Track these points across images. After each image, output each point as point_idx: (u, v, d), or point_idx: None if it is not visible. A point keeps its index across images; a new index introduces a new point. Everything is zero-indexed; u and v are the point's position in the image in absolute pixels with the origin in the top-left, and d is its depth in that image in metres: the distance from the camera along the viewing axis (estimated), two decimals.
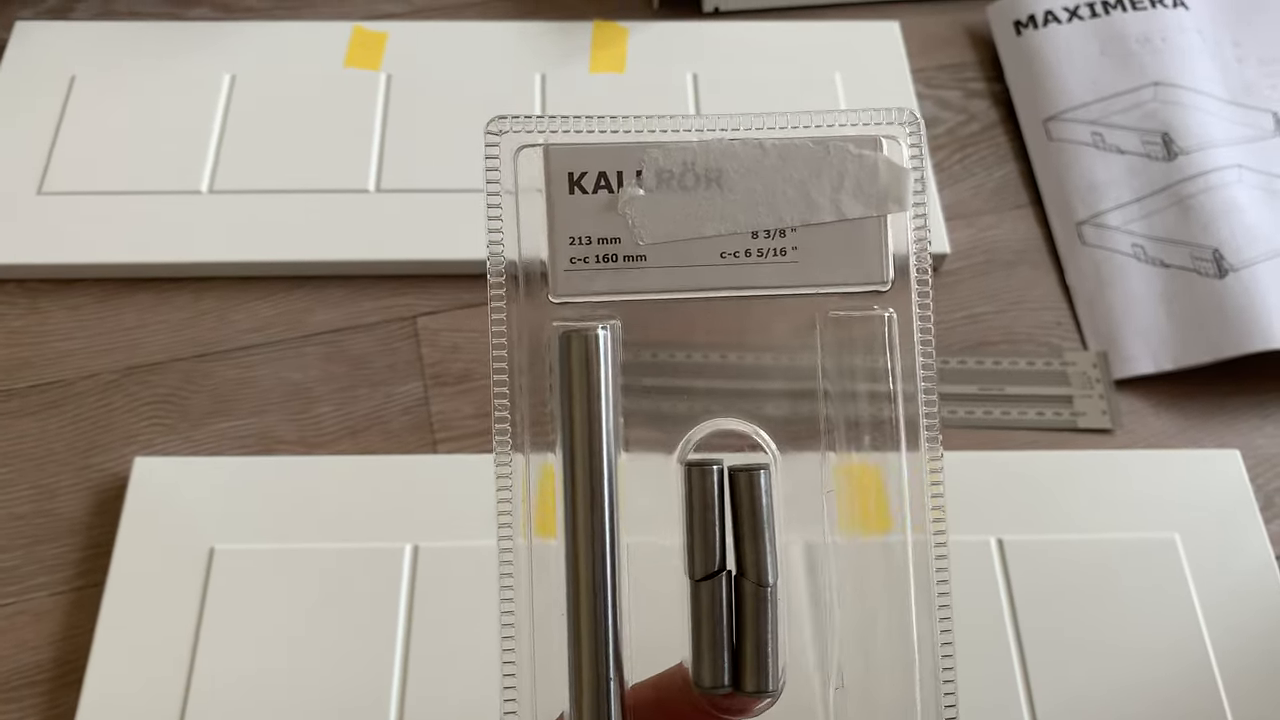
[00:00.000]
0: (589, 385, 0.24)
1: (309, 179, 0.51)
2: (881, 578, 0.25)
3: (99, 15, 0.58)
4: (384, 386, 0.47)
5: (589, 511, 0.24)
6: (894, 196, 0.25)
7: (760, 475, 0.24)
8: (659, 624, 0.25)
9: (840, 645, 0.25)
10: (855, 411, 0.25)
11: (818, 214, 0.24)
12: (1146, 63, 0.56)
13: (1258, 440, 0.47)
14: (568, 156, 0.24)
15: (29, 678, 0.40)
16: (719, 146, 0.24)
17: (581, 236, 0.24)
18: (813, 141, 0.25)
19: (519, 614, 0.25)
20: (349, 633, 0.40)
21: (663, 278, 0.24)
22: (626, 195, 0.24)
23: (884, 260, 0.25)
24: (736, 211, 0.24)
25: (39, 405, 0.46)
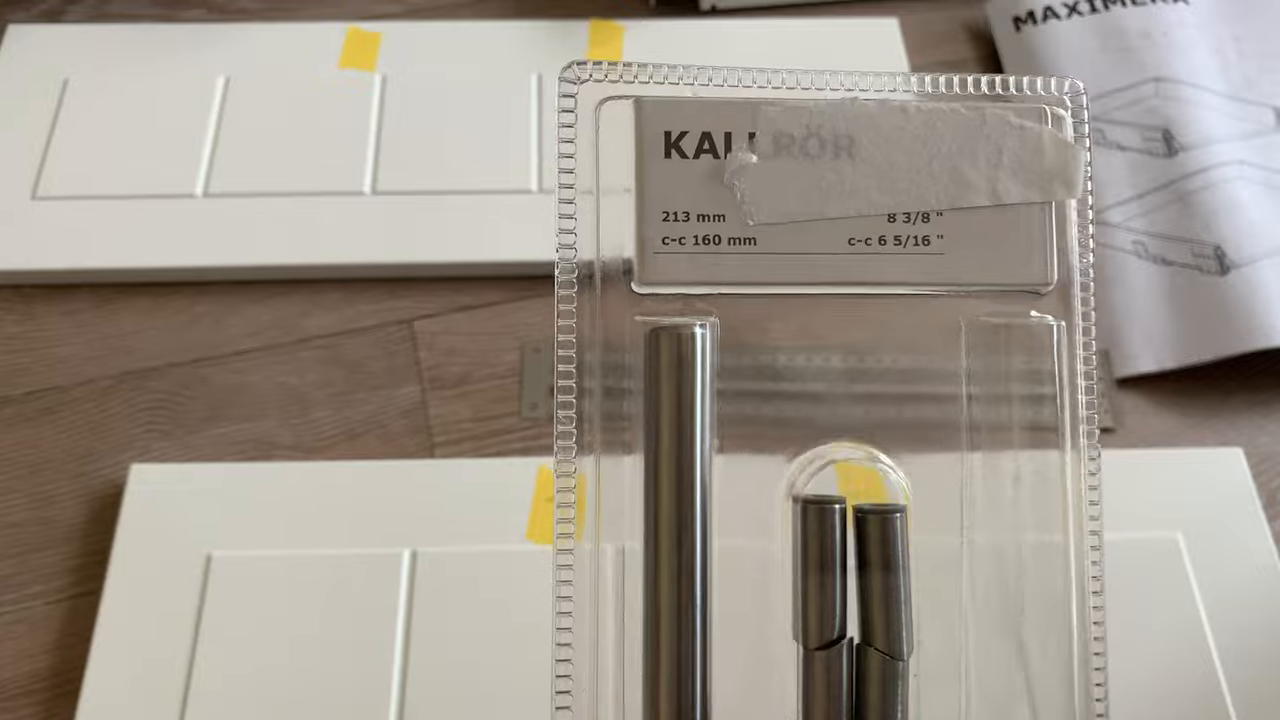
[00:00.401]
0: (680, 396, 0.20)
1: (304, 182, 0.51)
2: (1037, 581, 0.21)
3: (92, 18, 0.58)
4: (381, 390, 0.47)
5: (674, 552, 0.19)
6: (1062, 178, 0.20)
7: (895, 520, 0.20)
8: (756, 689, 0.20)
9: (984, 643, 0.21)
10: (1003, 416, 0.21)
11: (969, 196, 0.20)
12: (1147, 58, 0.56)
13: (1260, 438, 0.47)
14: (665, 112, 0.20)
15: (25, 687, 0.40)
16: (852, 108, 0.20)
17: (677, 212, 0.20)
18: (966, 107, 0.20)
19: (578, 640, 0.20)
20: (348, 639, 0.40)
21: (775, 267, 0.20)
22: (736, 162, 0.20)
23: (1047, 256, 0.20)
24: (870, 188, 0.20)
25: (35, 412, 0.46)
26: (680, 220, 0.20)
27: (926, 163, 0.20)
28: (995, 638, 0.21)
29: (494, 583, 0.41)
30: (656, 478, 0.20)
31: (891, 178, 0.20)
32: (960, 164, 0.20)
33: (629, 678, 0.20)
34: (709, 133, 0.20)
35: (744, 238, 0.20)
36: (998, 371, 0.21)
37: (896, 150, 0.20)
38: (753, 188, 0.20)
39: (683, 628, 0.19)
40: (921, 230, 0.20)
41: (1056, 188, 0.20)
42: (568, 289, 0.20)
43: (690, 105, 0.20)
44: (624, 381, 0.20)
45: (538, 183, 0.51)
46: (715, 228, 0.20)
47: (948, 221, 0.20)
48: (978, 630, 0.21)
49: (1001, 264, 0.20)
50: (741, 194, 0.20)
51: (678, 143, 0.20)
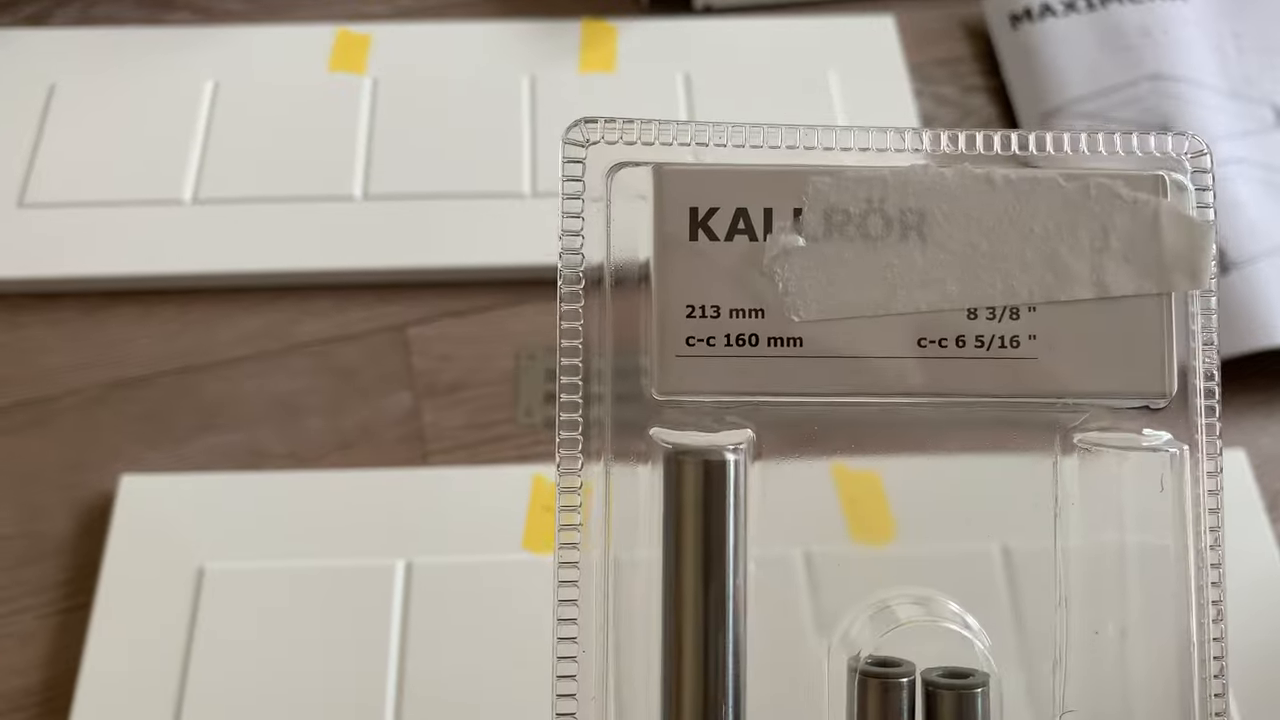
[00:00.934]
0: (708, 541, 0.16)
1: (294, 186, 0.51)
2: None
3: (78, 22, 0.57)
4: (374, 398, 0.46)
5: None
6: (1184, 264, 0.17)
7: (975, 699, 0.16)
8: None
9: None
10: (1110, 568, 0.17)
11: (1069, 287, 0.17)
12: (1145, 56, 0.55)
13: (1262, 440, 0.46)
14: (691, 183, 0.17)
15: (16, 703, 0.39)
16: (922, 177, 0.17)
17: (706, 307, 0.17)
18: (1064, 178, 0.17)
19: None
20: (342, 650, 0.40)
21: (826, 373, 0.17)
22: (779, 245, 0.17)
23: (1165, 361, 0.17)
24: (947, 278, 0.17)
25: (22, 423, 0.45)
26: (709, 316, 0.17)
27: (1016, 245, 0.17)
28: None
29: (490, 593, 0.41)
30: (679, 630, 0.16)
31: (973, 264, 0.17)
32: (1058, 247, 0.17)
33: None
34: (744, 208, 0.17)
35: (787, 338, 0.17)
36: (1101, 507, 0.17)
37: (979, 230, 0.17)
38: (799, 277, 0.17)
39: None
40: (1010, 329, 0.17)
41: (1177, 277, 0.17)
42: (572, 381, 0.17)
43: (722, 175, 0.17)
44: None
45: (530, 186, 0.51)
46: (752, 325, 0.17)
47: (1042, 318, 0.17)
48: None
49: (1109, 371, 0.17)
50: (785, 284, 0.17)
51: (706, 221, 0.17)
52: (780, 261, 0.17)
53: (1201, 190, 0.17)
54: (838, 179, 0.17)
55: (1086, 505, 0.17)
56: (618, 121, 0.17)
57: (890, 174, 0.17)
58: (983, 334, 0.17)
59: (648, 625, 0.17)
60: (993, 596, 0.18)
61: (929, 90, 0.57)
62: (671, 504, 0.17)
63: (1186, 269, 0.17)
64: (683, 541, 0.17)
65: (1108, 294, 0.17)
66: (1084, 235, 0.17)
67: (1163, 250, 0.17)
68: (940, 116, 0.56)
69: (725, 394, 0.17)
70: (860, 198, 0.17)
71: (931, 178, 0.17)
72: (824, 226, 0.17)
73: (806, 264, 0.17)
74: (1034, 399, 0.17)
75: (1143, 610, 0.17)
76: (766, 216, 0.17)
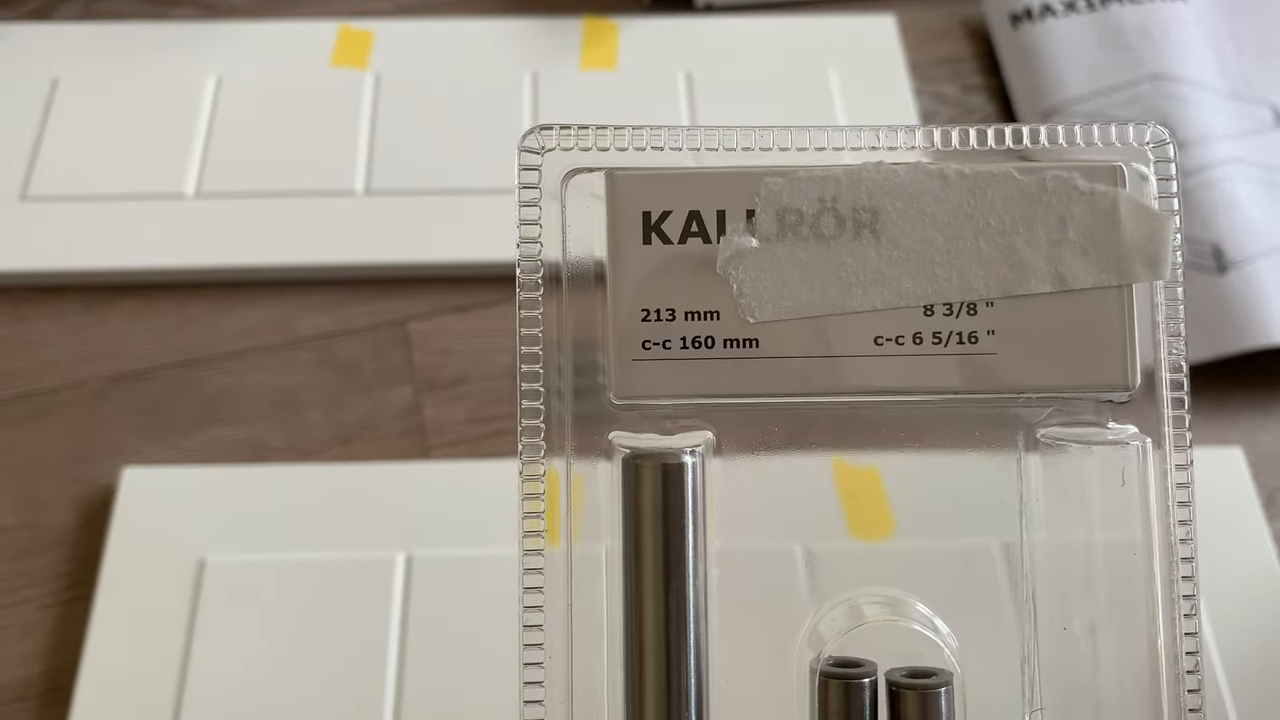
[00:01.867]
0: (667, 544, 0.16)
1: (296, 181, 0.51)
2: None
3: (81, 16, 0.57)
4: (375, 392, 0.46)
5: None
6: (1145, 255, 0.17)
7: (939, 698, 0.16)
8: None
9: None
10: (1077, 564, 0.17)
11: (1027, 281, 0.16)
12: (1145, 56, 0.56)
13: (1260, 438, 0.47)
14: (644, 187, 0.17)
15: (18, 693, 0.40)
16: (875, 175, 0.17)
17: (661, 310, 0.17)
18: (1019, 170, 0.17)
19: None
20: (342, 644, 0.40)
21: (783, 373, 0.17)
22: (732, 247, 0.17)
23: (1127, 353, 0.17)
24: (902, 275, 0.16)
25: (24, 415, 0.45)
26: (665, 320, 0.17)
27: (972, 241, 0.17)
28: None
29: (490, 586, 0.41)
30: (640, 636, 0.16)
31: (928, 260, 0.17)
32: (1014, 241, 0.17)
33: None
34: (697, 211, 0.17)
35: (744, 339, 0.17)
36: (1065, 503, 0.17)
37: (934, 226, 0.17)
38: (753, 278, 0.17)
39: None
40: (967, 325, 0.17)
41: (1138, 268, 0.17)
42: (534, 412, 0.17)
43: (674, 179, 0.17)
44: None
45: None
46: (708, 327, 0.17)
47: (1000, 313, 0.17)
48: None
49: (1070, 364, 0.17)
50: (739, 285, 0.17)
51: (659, 224, 0.17)
52: (734, 263, 0.17)
53: (1164, 180, 0.17)
54: (789, 179, 0.17)
55: (1051, 501, 0.17)
56: (572, 128, 0.17)
57: (843, 173, 0.17)
58: (940, 330, 0.17)
59: (613, 617, 0.17)
60: (961, 593, 0.18)
61: (929, 89, 0.57)
62: (630, 508, 0.17)
63: (1147, 259, 0.17)
64: (642, 545, 0.16)
65: (1066, 287, 0.17)
66: (1041, 228, 0.17)
67: (1122, 241, 0.17)
68: (940, 115, 0.56)
69: (682, 397, 0.17)
70: (813, 197, 0.17)
71: (884, 175, 0.17)
72: (777, 227, 0.17)
73: (760, 265, 0.17)
74: (994, 395, 0.17)
75: (1111, 606, 0.17)
76: (719, 219, 0.17)
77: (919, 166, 0.17)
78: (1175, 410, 0.18)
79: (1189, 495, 0.17)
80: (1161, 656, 0.17)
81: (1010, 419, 0.17)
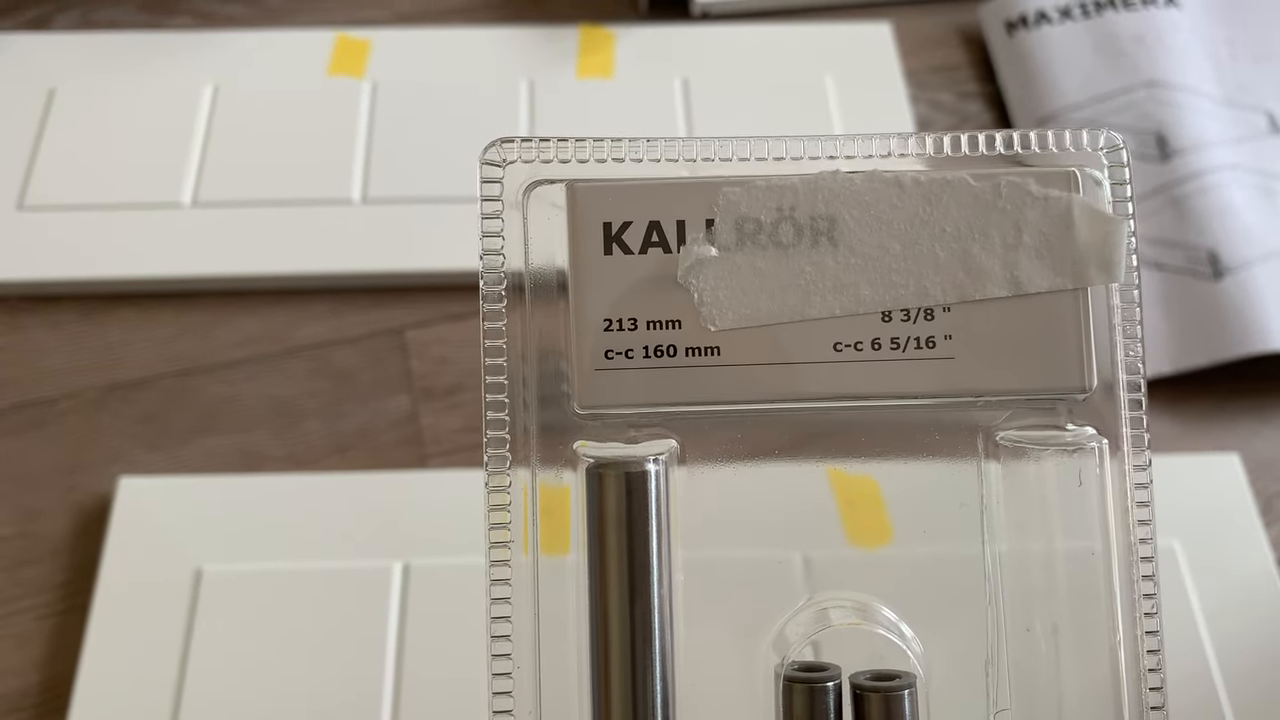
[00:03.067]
0: (631, 551, 0.17)
1: (293, 190, 0.51)
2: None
3: (78, 26, 0.57)
4: (372, 401, 0.46)
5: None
6: (1099, 260, 0.17)
7: (902, 699, 0.16)
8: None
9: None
10: (1038, 568, 0.17)
11: (983, 286, 0.17)
12: (1140, 63, 0.56)
13: (1257, 444, 0.47)
14: (604, 198, 0.17)
15: (14, 704, 0.39)
16: (832, 184, 0.17)
17: (623, 320, 0.17)
18: (974, 177, 0.17)
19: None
20: (339, 653, 0.40)
21: (745, 382, 0.17)
22: (692, 257, 0.17)
23: (1084, 354, 0.17)
24: (860, 282, 0.17)
25: (20, 425, 0.45)
26: (627, 329, 0.17)
27: (928, 247, 0.17)
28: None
29: None
30: (606, 642, 0.16)
31: (885, 267, 0.17)
32: (970, 247, 0.17)
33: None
34: (657, 222, 0.17)
35: (705, 347, 0.17)
36: (1024, 505, 0.17)
37: (890, 233, 0.17)
38: (713, 287, 0.17)
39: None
40: (924, 330, 0.17)
41: (1092, 271, 0.17)
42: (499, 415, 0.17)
43: (634, 189, 0.17)
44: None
45: None
46: (670, 336, 0.17)
47: (957, 318, 0.17)
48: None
49: (1027, 367, 0.17)
50: (700, 294, 0.17)
51: (620, 235, 0.17)
52: (695, 272, 0.17)
53: (1118, 185, 0.17)
54: (748, 189, 0.17)
55: (1011, 505, 0.17)
56: (534, 140, 0.18)
57: (800, 182, 0.17)
58: (898, 336, 0.17)
59: (581, 626, 0.18)
60: (925, 597, 0.18)
61: (925, 97, 0.57)
62: (595, 516, 0.17)
63: (1101, 262, 0.17)
64: (607, 552, 0.17)
65: (1022, 291, 0.17)
66: (996, 233, 0.17)
67: (1077, 245, 0.17)
68: (936, 122, 0.56)
69: (645, 406, 0.17)
70: (771, 206, 0.17)
71: (840, 183, 0.17)
72: (736, 236, 0.17)
73: (720, 274, 0.17)
74: (952, 398, 0.17)
75: (1071, 608, 0.17)
76: (679, 229, 0.17)
77: (875, 175, 0.17)
78: (1133, 412, 0.17)
79: (1148, 496, 0.17)
80: (1122, 658, 0.17)
81: (969, 423, 0.18)
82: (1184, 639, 0.41)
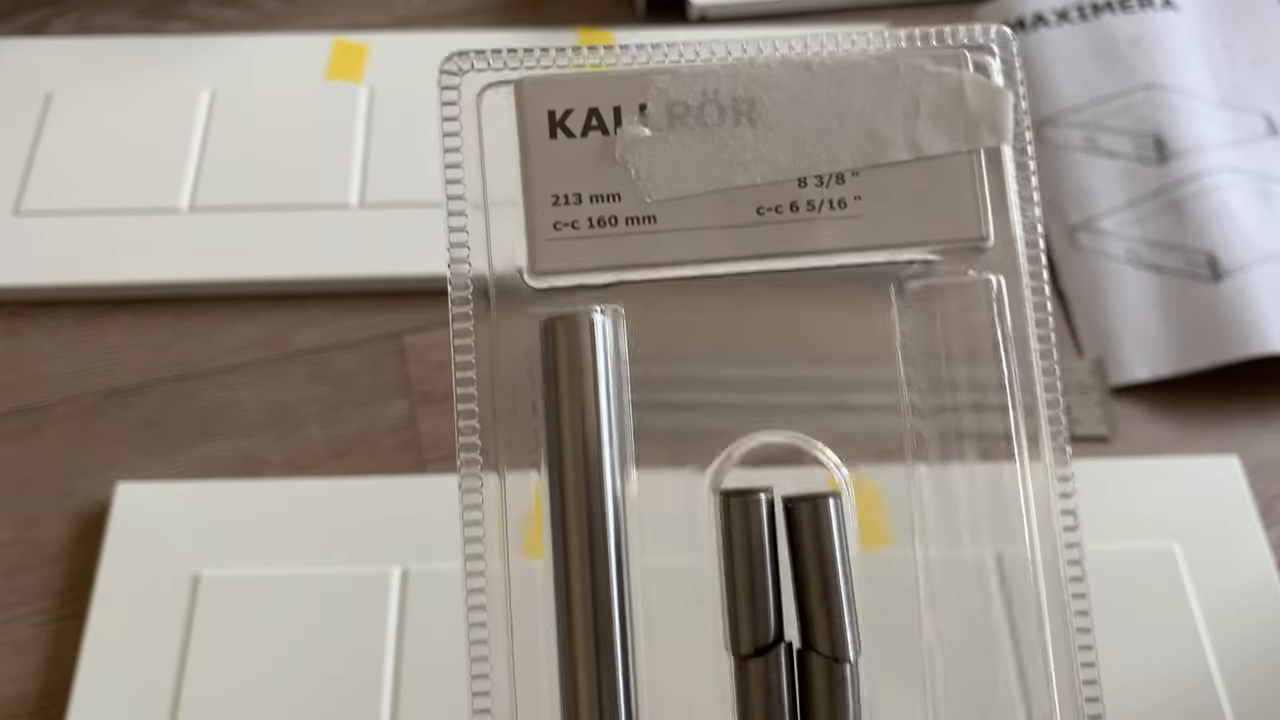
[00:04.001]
0: (581, 388, 0.18)
1: (291, 195, 0.51)
2: (1002, 595, 0.20)
3: (75, 31, 0.57)
4: (370, 406, 0.46)
5: (586, 559, 0.18)
6: (989, 123, 0.19)
7: (829, 505, 0.18)
8: (687, 714, 0.19)
9: (947, 661, 0.19)
10: (954, 415, 0.19)
11: (887, 152, 0.19)
12: (1137, 65, 0.56)
13: (1256, 445, 0.47)
14: (547, 90, 0.19)
15: (11, 711, 0.39)
16: (750, 70, 0.19)
17: (569, 195, 0.19)
18: (876, 59, 0.19)
19: (494, 640, 0.20)
20: (338, 658, 0.39)
21: (680, 244, 0.19)
22: (628, 137, 0.19)
23: (980, 208, 0.19)
24: (777, 153, 0.19)
25: (18, 430, 0.45)
26: (572, 203, 0.19)
27: (837, 121, 0.19)
28: (964, 644, 0.20)
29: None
30: (561, 483, 0.18)
31: (799, 140, 0.19)
32: (875, 119, 0.19)
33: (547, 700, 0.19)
34: (596, 109, 0.19)
35: (643, 216, 0.19)
36: (937, 347, 0.19)
37: (803, 111, 0.19)
38: (648, 163, 0.19)
39: (600, 643, 0.18)
40: (836, 193, 0.19)
41: (983, 134, 0.19)
42: (462, 294, 0.19)
43: (574, 81, 0.19)
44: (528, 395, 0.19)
45: None
46: (611, 208, 0.19)
47: (866, 181, 0.19)
48: (942, 635, 0.20)
49: (930, 221, 0.19)
50: (636, 170, 0.19)
51: (563, 121, 0.19)
52: (631, 151, 0.19)
53: (1006, 64, 0.19)
54: (675, 76, 0.19)
55: (918, 335, 0.19)
56: (486, 53, 0.19)
57: (722, 69, 0.19)
58: (813, 199, 0.19)
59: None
60: (844, 433, 0.20)
61: None
62: (548, 370, 0.18)
63: (991, 127, 0.19)
64: (560, 398, 0.18)
65: (922, 154, 0.19)
66: (897, 106, 0.19)
67: (968, 113, 0.19)
68: None
69: (592, 269, 0.19)
70: (696, 91, 0.19)
71: (758, 69, 0.19)
72: (667, 118, 0.19)
73: (654, 152, 0.19)
74: (864, 250, 0.19)
75: (978, 426, 0.19)
76: (616, 114, 0.19)
77: (788, 60, 0.19)
78: (1032, 265, 0.19)
79: (1048, 332, 0.19)
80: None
81: (883, 275, 0.20)
82: (1185, 640, 0.41)
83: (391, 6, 0.59)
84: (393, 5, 0.59)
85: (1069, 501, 0.19)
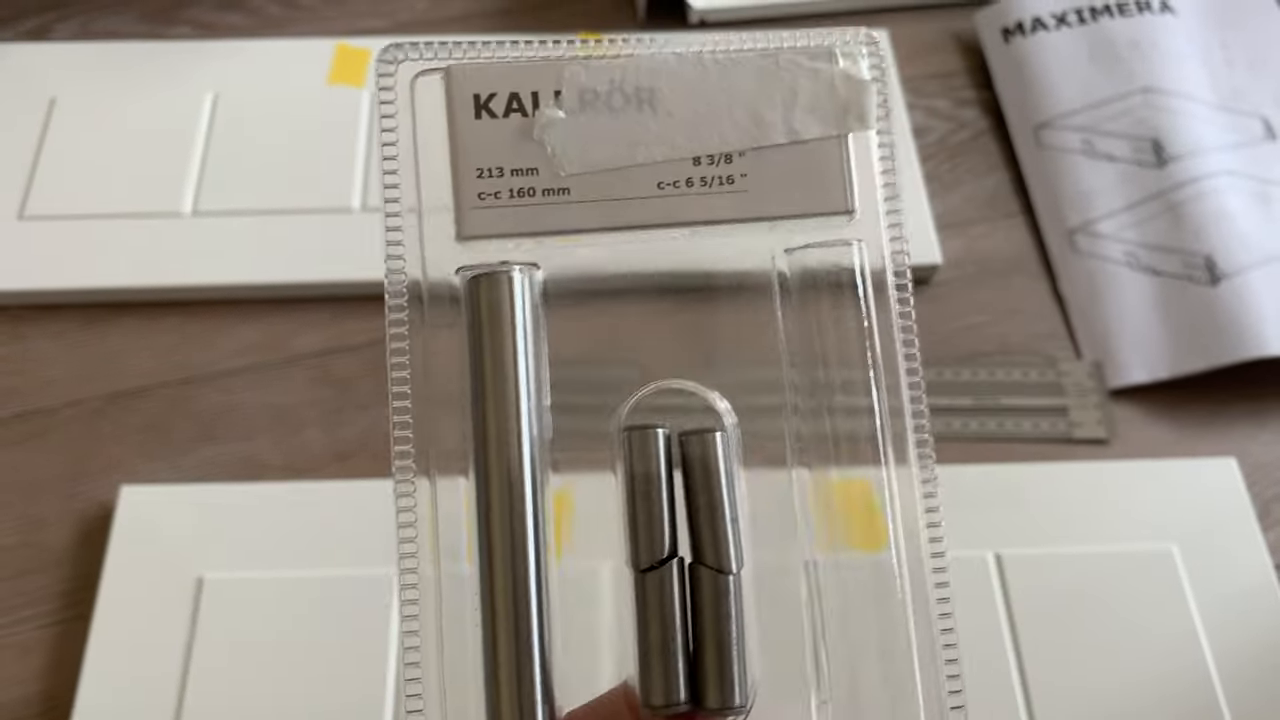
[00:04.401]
0: (502, 339, 0.21)
1: (293, 199, 0.51)
2: (875, 595, 0.22)
3: (78, 36, 0.58)
4: (372, 409, 0.46)
5: (506, 498, 0.20)
6: (855, 113, 0.22)
7: (715, 438, 0.21)
8: (604, 643, 0.22)
9: (830, 659, 0.22)
10: (829, 406, 0.22)
11: (769, 135, 0.22)
12: (1135, 69, 0.56)
13: (1253, 448, 0.47)
14: (473, 76, 0.21)
15: (16, 713, 0.40)
16: (651, 62, 0.22)
17: (491, 168, 0.21)
18: (760, 55, 0.22)
19: (425, 641, 0.22)
20: (341, 660, 0.40)
21: (590, 213, 0.21)
22: (544, 119, 0.21)
23: (847, 184, 0.22)
24: (675, 135, 0.22)
25: (23, 434, 0.46)
26: (495, 176, 0.21)
27: (727, 108, 0.22)
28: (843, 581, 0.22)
29: None
30: (484, 422, 0.20)
31: (694, 124, 0.22)
32: (759, 107, 0.22)
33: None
34: (516, 93, 0.21)
35: (557, 188, 0.21)
36: (809, 294, 0.22)
37: (697, 99, 0.22)
38: (562, 141, 0.21)
39: (518, 576, 0.20)
40: (725, 170, 0.22)
41: (850, 121, 0.22)
42: (397, 271, 0.21)
43: (497, 68, 0.22)
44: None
45: None
46: (529, 180, 0.21)
47: (750, 161, 0.22)
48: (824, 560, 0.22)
49: (804, 195, 0.22)
50: (551, 148, 0.21)
51: (487, 104, 0.21)
52: (547, 131, 0.22)
53: (874, 64, 0.22)
54: (586, 67, 0.22)
55: (799, 292, 0.23)
56: (419, 43, 0.22)
57: (626, 61, 0.22)
58: (706, 175, 0.22)
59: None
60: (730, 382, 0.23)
61: (921, 103, 0.57)
62: (473, 323, 0.21)
63: (857, 115, 0.22)
64: (482, 353, 0.21)
65: (798, 138, 0.22)
66: (778, 96, 0.22)
67: (838, 102, 0.22)
68: (933, 129, 0.57)
69: (513, 234, 0.21)
70: (605, 80, 0.22)
71: (658, 62, 0.22)
72: (579, 103, 0.22)
73: (567, 132, 0.22)
74: (749, 220, 0.22)
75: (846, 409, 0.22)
76: (534, 98, 0.22)
77: (684, 55, 0.22)
78: (893, 233, 0.22)
79: (905, 280, 0.22)
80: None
81: (768, 245, 0.23)
82: (1183, 642, 0.41)
83: (394, 11, 0.59)
84: (395, 10, 0.59)
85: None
